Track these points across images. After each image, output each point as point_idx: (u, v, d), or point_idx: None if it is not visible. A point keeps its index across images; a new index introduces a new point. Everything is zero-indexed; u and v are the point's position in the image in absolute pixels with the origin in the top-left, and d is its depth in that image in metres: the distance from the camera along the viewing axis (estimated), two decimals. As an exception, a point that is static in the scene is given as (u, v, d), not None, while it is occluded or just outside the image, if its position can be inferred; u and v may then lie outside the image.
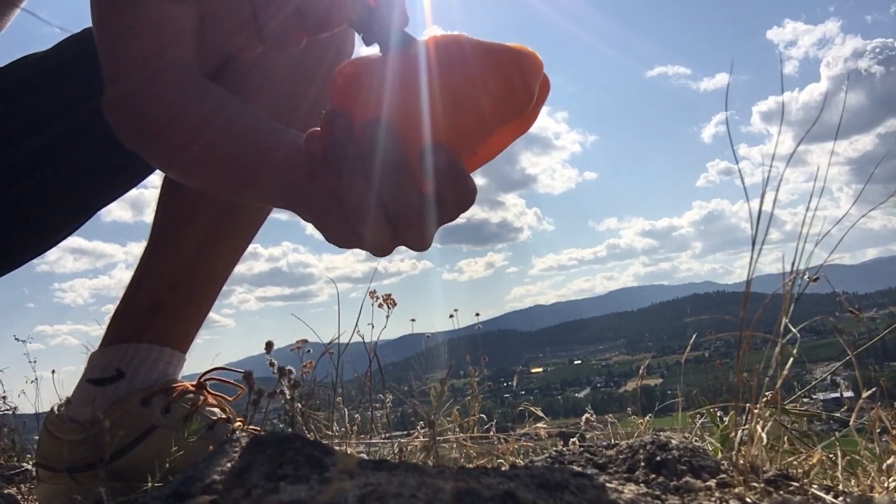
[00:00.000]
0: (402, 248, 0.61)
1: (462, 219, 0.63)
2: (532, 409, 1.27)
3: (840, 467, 0.68)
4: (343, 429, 1.17)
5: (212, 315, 1.04)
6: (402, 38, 0.59)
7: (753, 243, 0.64)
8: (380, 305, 1.32)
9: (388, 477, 0.43)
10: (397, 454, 1.11)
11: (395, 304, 1.32)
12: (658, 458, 0.59)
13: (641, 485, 0.56)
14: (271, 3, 0.54)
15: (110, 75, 0.76)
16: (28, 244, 1.02)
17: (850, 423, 0.73)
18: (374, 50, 0.60)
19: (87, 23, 0.84)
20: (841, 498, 0.54)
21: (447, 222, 0.60)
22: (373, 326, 1.32)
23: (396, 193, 0.56)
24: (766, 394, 0.67)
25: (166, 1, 0.72)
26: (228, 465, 0.47)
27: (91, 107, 0.79)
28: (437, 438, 1.07)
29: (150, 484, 0.77)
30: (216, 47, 0.85)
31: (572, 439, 1.10)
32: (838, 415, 0.86)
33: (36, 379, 2.04)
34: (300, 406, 1.09)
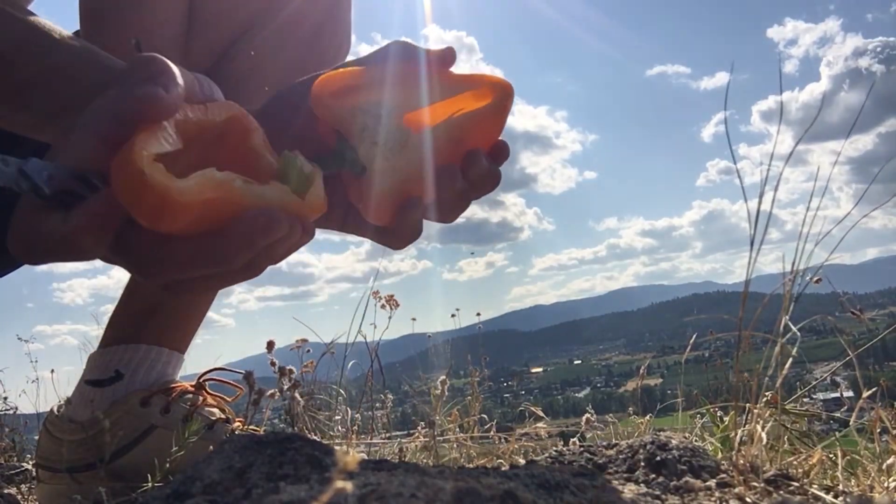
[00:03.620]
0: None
1: (462, 218, 0.62)
2: (532, 409, 1.27)
3: (840, 467, 0.68)
4: (343, 429, 1.17)
5: (211, 315, 1.04)
6: None
7: (752, 243, 0.64)
8: (382, 306, 1.32)
9: (388, 477, 0.43)
10: (397, 454, 1.11)
11: (397, 306, 1.32)
12: (658, 458, 0.59)
13: (641, 485, 0.56)
14: None
15: None
16: None
17: (850, 423, 0.73)
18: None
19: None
20: (841, 498, 0.54)
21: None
22: (375, 326, 1.32)
23: None
24: (766, 394, 0.67)
25: None
26: (228, 465, 0.47)
27: None
28: (437, 438, 1.07)
29: (150, 484, 0.77)
30: (204, 47, 0.85)
31: (572, 439, 1.10)
32: (838, 415, 0.86)
33: (36, 379, 2.04)
34: (300, 406, 1.09)
